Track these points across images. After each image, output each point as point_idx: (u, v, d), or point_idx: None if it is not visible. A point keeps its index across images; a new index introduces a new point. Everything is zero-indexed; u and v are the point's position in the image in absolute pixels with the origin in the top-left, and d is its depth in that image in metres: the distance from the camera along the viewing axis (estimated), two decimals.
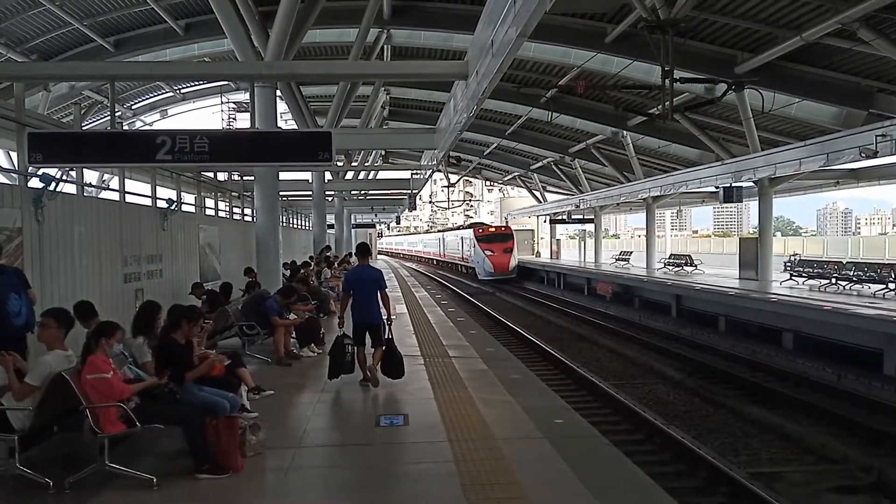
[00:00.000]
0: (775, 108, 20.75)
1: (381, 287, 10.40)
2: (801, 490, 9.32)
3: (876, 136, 18.61)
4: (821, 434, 11.66)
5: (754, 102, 22.26)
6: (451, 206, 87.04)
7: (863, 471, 9.80)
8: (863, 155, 19.23)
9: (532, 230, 67.22)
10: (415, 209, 42.20)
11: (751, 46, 21.32)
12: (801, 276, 25.43)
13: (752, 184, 27.87)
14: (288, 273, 20.86)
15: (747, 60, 21.27)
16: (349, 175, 42.97)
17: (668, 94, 17.58)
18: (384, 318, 10.44)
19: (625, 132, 33.20)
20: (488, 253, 50.74)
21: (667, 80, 17.14)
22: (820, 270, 24.63)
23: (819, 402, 13.68)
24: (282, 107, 23.88)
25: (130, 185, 15.57)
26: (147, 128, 36.31)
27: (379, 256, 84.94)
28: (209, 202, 22.78)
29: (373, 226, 70.16)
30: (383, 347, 10.32)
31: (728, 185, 27.62)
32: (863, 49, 18.52)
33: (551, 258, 57.09)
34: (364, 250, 11.14)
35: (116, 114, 12.89)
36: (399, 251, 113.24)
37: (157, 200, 15.90)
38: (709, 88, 22.14)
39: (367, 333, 10.41)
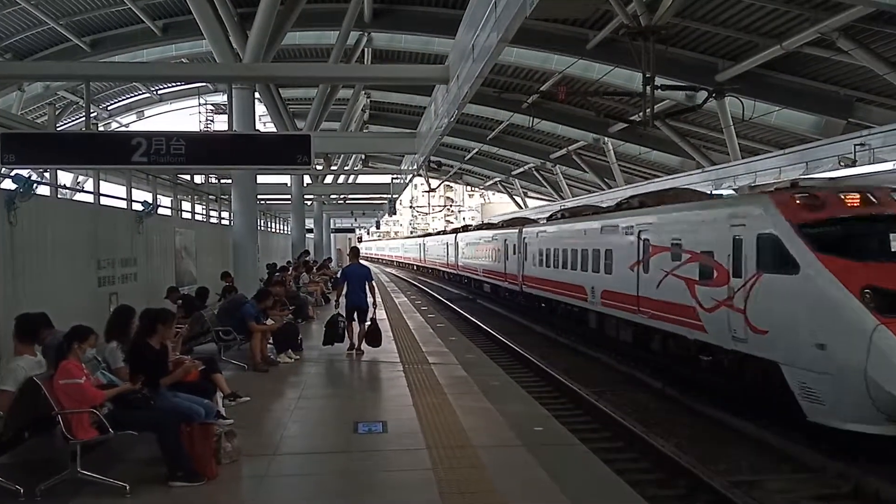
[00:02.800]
0: (756, 116, 20.90)
1: (369, 280, 13.71)
2: (781, 498, 9.31)
3: (854, 145, 18.81)
4: (799, 443, 11.67)
5: (735, 110, 22.40)
6: (431, 210, 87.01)
7: (840, 479, 9.82)
8: (841, 164, 19.39)
9: None
10: (395, 214, 41.99)
11: (732, 54, 21.49)
12: None
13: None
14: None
15: (728, 68, 21.44)
16: (329, 179, 42.82)
17: (650, 101, 17.64)
18: (370, 302, 13.59)
19: (606, 139, 33.39)
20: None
21: (648, 87, 17.20)
22: None
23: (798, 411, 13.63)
24: (260, 109, 23.74)
25: (105, 187, 15.39)
26: (123, 129, 35.99)
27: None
28: (186, 205, 22.57)
29: (352, 230, 69.95)
30: (367, 324, 13.47)
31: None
32: (842, 59, 18.73)
33: None
34: (356, 252, 14.99)
35: (92, 115, 12.72)
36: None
37: (133, 203, 15.71)
38: (690, 96, 22.28)
39: (357, 314, 13.40)
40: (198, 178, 24.94)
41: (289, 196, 33.83)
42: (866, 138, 18.66)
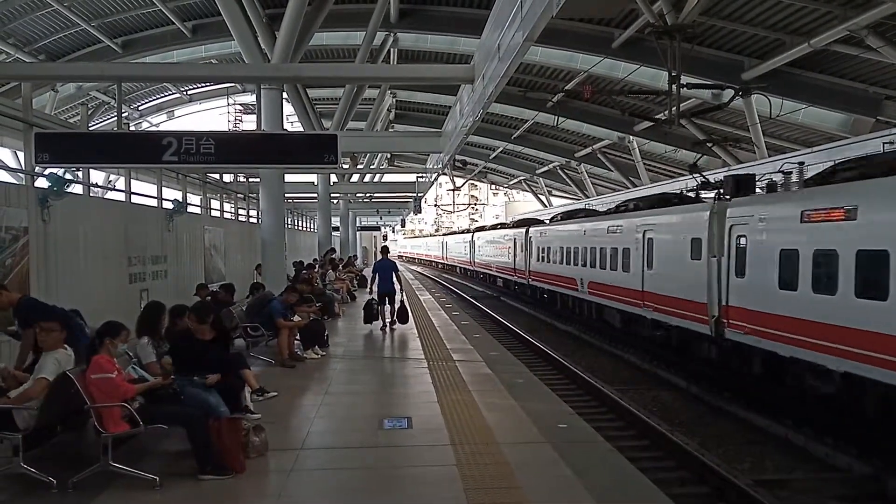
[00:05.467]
0: (782, 114, 20.69)
1: (395, 272, 16.88)
2: (806, 498, 9.26)
3: (883, 143, 18.53)
4: (825, 443, 11.58)
5: (761, 108, 22.23)
6: (456, 209, 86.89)
7: (867, 479, 9.75)
8: None
9: None
10: (420, 212, 42.03)
11: (758, 53, 21.30)
12: None
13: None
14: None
15: (755, 66, 21.24)
16: (355, 178, 42.99)
17: (675, 100, 17.55)
18: (397, 288, 16.88)
19: (631, 137, 33.20)
20: None
21: (674, 86, 17.11)
22: None
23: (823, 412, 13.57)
24: (288, 109, 23.95)
25: (136, 185, 15.62)
26: (153, 129, 36.40)
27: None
28: (214, 203, 22.83)
29: (378, 228, 70.21)
30: (397, 306, 16.93)
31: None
32: (871, 56, 18.49)
33: None
34: (385, 250, 18.37)
35: (123, 115, 12.91)
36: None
37: (163, 201, 15.94)
38: (716, 94, 22.11)
39: (387, 298, 16.71)
40: (226, 177, 25.22)
41: (315, 194, 34.05)
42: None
